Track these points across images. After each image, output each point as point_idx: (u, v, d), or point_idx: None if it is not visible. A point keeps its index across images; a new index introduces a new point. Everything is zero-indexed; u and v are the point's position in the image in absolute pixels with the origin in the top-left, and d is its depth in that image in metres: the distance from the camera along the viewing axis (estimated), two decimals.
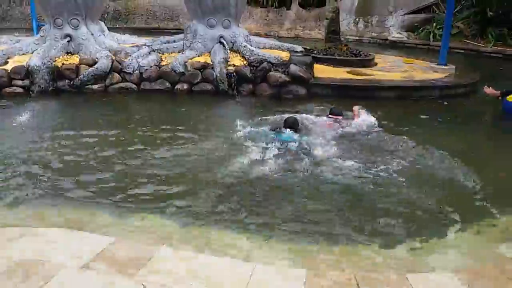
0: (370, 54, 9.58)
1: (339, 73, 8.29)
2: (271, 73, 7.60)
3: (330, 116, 5.99)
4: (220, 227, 3.43)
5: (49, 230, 3.09)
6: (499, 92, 6.99)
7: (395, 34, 15.09)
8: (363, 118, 5.96)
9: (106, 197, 3.91)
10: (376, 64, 9.41)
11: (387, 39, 15.07)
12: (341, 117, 5.98)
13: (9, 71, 7.24)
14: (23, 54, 7.95)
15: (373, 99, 7.34)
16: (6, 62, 7.54)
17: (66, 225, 3.31)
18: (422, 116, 6.64)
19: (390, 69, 8.98)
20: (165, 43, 8.69)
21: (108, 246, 2.83)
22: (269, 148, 4.98)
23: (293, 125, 5.44)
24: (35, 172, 4.40)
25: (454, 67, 8.86)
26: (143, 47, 8.23)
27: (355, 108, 6.19)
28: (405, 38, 14.96)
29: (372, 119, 5.93)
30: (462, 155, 5.08)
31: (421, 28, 14.88)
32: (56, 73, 7.49)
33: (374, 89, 7.55)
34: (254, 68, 7.70)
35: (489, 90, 7.18)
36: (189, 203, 3.82)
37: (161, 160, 4.76)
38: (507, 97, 6.71)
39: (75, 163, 4.66)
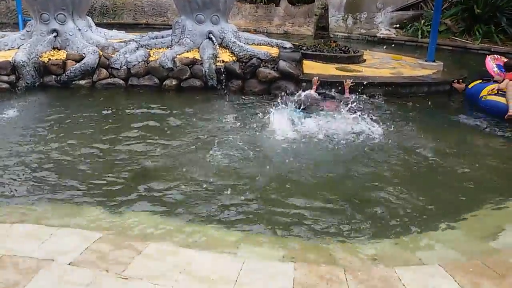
0: (359, 51, 9.59)
1: (328, 69, 8.29)
2: (260, 69, 7.57)
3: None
4: (209, 222, 3.42)
5: (35, 226, 3.05)
6: (464, 85, 7.57)
7: (384, 31, 15.14)
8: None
9: (92, 193, 3.88)
10: (365, 60, 9.43)
11: (376, 36, 15.11)
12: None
13: None
14: (9, 49, 7.85)
15: (362, 95, 7.38)
16: None
17: (52, 221, 3.26)
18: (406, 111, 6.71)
19: (379, 65, 9.01)
20: (153, 38, 8.64)
21: (95, 242, 2.80)
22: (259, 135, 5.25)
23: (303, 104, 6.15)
24: (19, 168, 4.34)
25: (442, 63, 8.91)
26: (131, 42, 8.15)
27: (347, 82, 7.08)
28: (394, 35, 15.02)
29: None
30: (442, 149, 5.16)
31: (410, 25, 14.95)
32: (43, 69, 7.39)
33: (363, 86, 7.54)
34: (243, 64, 7.68)
35: (457, 85, 7.73)
36: (177, 198, 3.80)
37: (148, 155, 4.74)
38: (469, 85, 7.26)
39: (59, 159, 4.61)
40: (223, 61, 7.73)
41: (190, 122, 5.90)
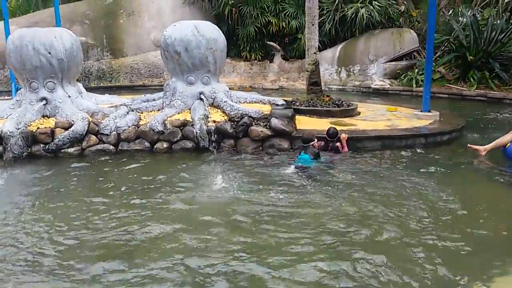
0: (352, 104, 9.50)
1: (323, 124, 8.11)
2: (252, 127, 7.44)
3: (326, 136, 7.01)
4: None
5: None
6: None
7: (378, 82, 15.21)
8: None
9: (75, 274, 3.58)
10: (359, 113, 9.32)
11: (370, 87, 15.17)
12: (333, 139, 6.96)
13: None
14: None
15: (358, 149, 7.21)
16: None
17: None
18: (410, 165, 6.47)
19: (373, 118, 8.88)
20: (144, 101, 8.57)
21: None
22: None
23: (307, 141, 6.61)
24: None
25: (438, 113, 8.78)
26: (122, 107, 8.06)
27: (344, 136, 7.06)
28: (388, 86, 15.07)
29: None
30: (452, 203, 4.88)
31: (403, 75, 15.03)
32: (31, 138, 7.20)
33: (358, 140, 7.37)
34: (235, 123, 7.55)
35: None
36: (163, 276, 3.50)
37: (132, 229, 4.46)
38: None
39: (45, 236, 4.34)
40: (214, 121, 7.60)
41: (183, 186, 5.68)
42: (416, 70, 14.75)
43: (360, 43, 15.96)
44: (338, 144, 7.01)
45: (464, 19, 15.27)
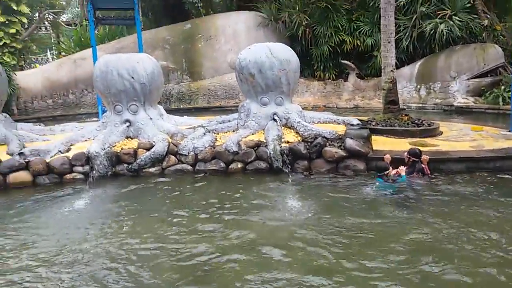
0: (433, 123, 9.06)
1: (401, 145, 7.81)
2: (326, 148, 7.32)
3: (407, 156, 6.70)
4: None
5: None
6: None
7: (461, 100, 14.43)
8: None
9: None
10: (441, 133, 8.87)
11: (452, 105, 14.42)
12: (419, 159, 6.64)
13: (70, 158, 7.48)
14: (85, 140, 8.28)
15: (441, 172, 6.82)
16: (69, 149, 7.84)
17: None
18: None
19: (457, 138, 8.40)
20: (220, 123, 8.78)
21: None
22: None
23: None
24: (73, 263, 4.32)
25: None
26: (199, 128, 8.32)
27: (425, 157, 6.73)
28: (472, 103, 14.24)
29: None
30: None
31: (489, 92, 14.13)
32: (115, 158, 7.63)
33: (440, 161, 6.99)
34: (309, 144, 7.48)
35: None
36: None
37: (208, 253, 4.51)
38: None
39: (118, 254, 4.53)
40: (288, 142, 7.59)
41: (251, 209, 5.70)
42: (503, 87, 13.80)
43: (440, 59, 15.29)
44: (423, 165, 6.67)
45: None
